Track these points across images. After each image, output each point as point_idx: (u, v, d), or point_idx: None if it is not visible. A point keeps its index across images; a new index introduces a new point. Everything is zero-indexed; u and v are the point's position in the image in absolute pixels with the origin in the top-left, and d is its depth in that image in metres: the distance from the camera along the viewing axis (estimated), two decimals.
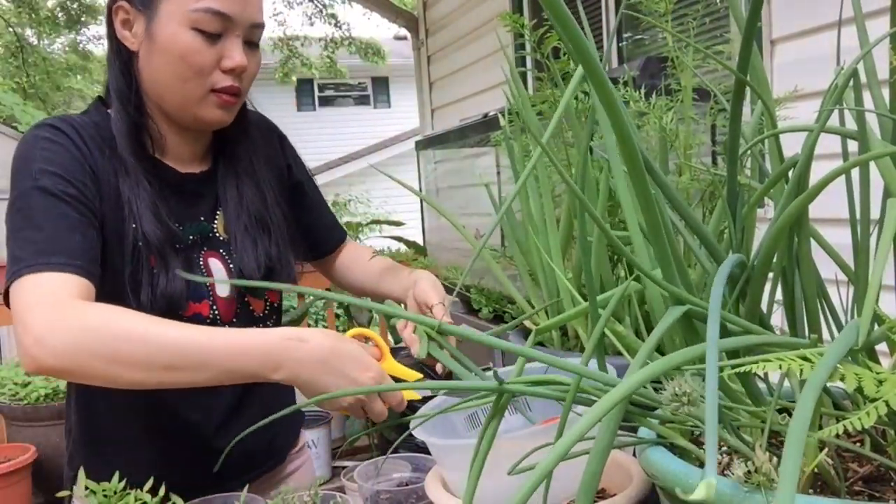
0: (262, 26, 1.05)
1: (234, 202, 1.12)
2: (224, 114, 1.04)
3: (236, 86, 1.02)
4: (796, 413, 0.34)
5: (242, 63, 1.01)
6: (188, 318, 1.05)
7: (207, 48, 0.99)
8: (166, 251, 1.01)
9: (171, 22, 0.98)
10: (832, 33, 2.03)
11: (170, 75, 1.01)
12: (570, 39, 0.40)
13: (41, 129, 0.99)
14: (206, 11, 0.97)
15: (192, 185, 1.11)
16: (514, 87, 1.10)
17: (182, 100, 1.02)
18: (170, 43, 0.98)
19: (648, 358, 0.47)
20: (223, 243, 1.11)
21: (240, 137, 1.14)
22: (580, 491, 0.42)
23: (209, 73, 1.00)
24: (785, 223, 0.51)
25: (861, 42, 0.60)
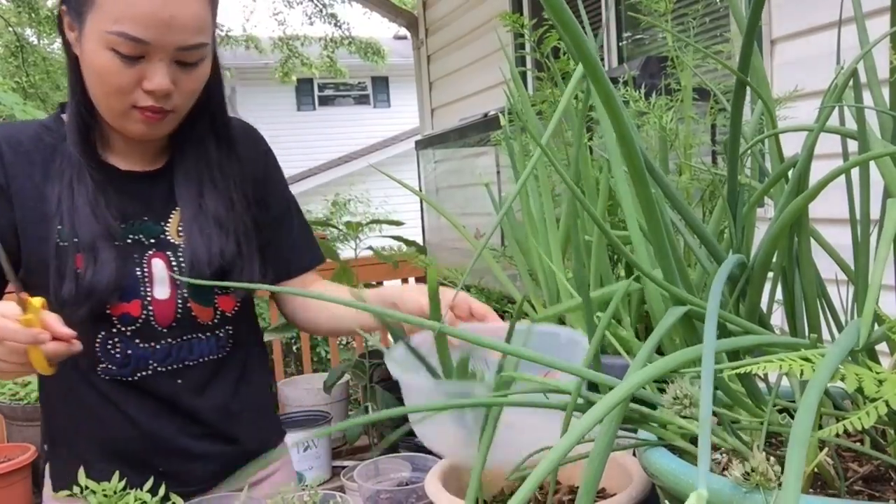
0: (199, 46, 0.99)
1: (192, 206, 1.09)
2: (148, 129, 1.02)
3: (158, 106, 0.99)
4: (799, 414, 0.34)
5: (162, 87, 0.97)
6: (117, 319, 1.05)
7: (125, 69, 0.96)
8: (97, 246, 1.00)
9: (91, 39, 0.96)
10: (832, 33, 2.03)
11: (94, 88, 1.01)
12: (569, 39, 0.40)
13: None
14: (120, 35, 0.93)
15: (136, 185, 1.09)
16: (514, 86, 1.10)
17: (107, 111, 1.02)
18: (90, 60, 0.97)
19: (648, 359, 0.47)
20: (172, 245, 1.09)
21: (206, 138, 1.11)
22: (581, 491, 0.42)
23: (130, 92, 0.98)
24: (785, 223, 0.51)
25: (861, 41, 0.60)
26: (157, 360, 1.08)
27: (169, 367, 1.09)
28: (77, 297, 0.99)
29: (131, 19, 0.92)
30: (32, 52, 11.23)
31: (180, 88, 1.00)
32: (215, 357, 1.13)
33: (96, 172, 1.04)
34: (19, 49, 10.90)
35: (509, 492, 0.74)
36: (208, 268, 1.06)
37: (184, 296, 1.08)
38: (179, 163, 1.10)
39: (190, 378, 1.11)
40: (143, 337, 1.07)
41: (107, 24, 0.93)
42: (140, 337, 1.07)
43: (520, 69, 1.35)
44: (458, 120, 3.14)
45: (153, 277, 1.07)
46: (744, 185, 0.68)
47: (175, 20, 0.94)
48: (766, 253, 0.53)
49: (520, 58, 3.47)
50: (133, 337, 1.06)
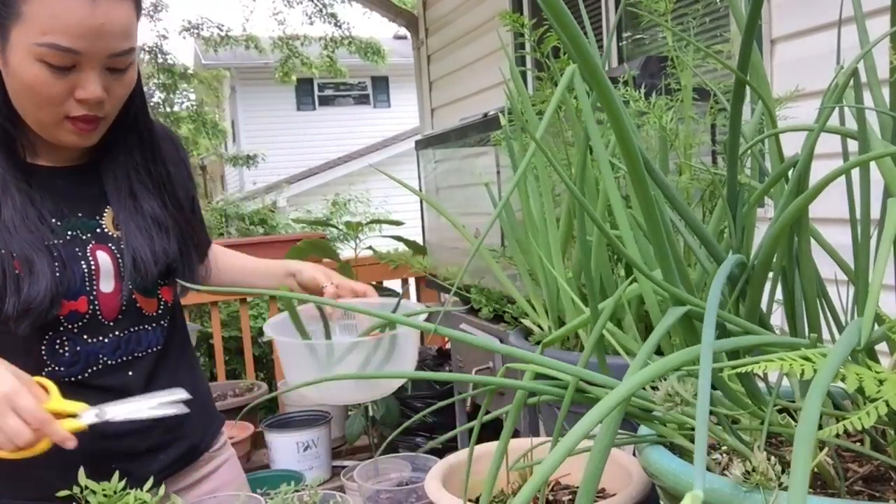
0: (128, 52, 0.99)
1: (125, 204, 1.10)
2: (80, 139, 1.02)
3: (91, 115, 0.99)
4: (803, 415, 0.33)
5: (95, 95, 0.97)
6: (65, 317, 1.04)
7: (56, 80, 0.94)
8: (32, 257, 0.99)
9: (18, 52, 0.94)
10: (832, 33, 2.02)
11: (23, 101, 0.99)
12: (569, 39, 0.40)
13: None
14: (50, 47, 0.92)
15: (66, 181, 1.09)
16: (514, 86, 1.10)
17: (36, 123, 1.01)
18: (18, 73, 0.95)
19: (648, 359, 0.47)
20: (112, 238, 1.09)
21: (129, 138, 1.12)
22: (581, 491, 0.42)
23: (61, 102, 0.97)
24: (785, 223, 0.51)
25: (861, 41, 0.60)
26: (107, 353, 1.09)
27: (119, 360, 1.10)
28: (19, 310, 0.98)
29: (61, 30, 0.91)
30: None
31: (111, 95, 1.00)
32: (160, 347, 1.15)
33: (23, 180, 1.03)
34: None
35: (510, 492, 0.74)
36: (155, 266, 1.09)
37: (129, 288, 1.09)
38: (106, 162, 1.11)
39: (139, 369, 1.12)
40: (91, 332, 1.07)
41: (35, 36, 0.92)
42: (88, 332, 1.07)
43: (520, 69, 1.35)
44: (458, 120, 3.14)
45: (100, 271, 1.07)
46: (744, 185, 0.68)
47: (105, 27, 0.93)
48: (766, 253, 0.53)
49: (520, 57, 3.47)
50: (80, 333, 1.06)
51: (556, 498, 0.71)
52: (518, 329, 1.13)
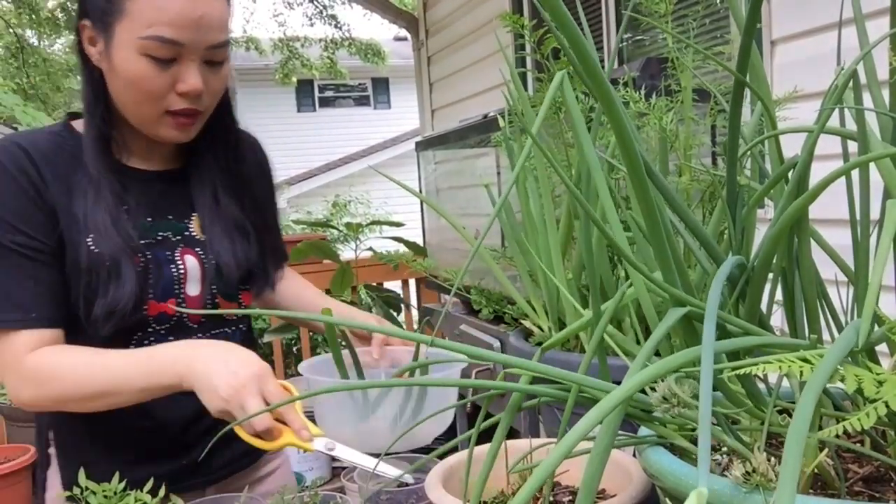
0: (224, 44, 1.03)
1: (210, 209, 1.13)
2: (180, 134, 1.05)
3: (192, 108, 1.02)
4: (796, 414, 0.34)
5: (196, 87, 1.00)
6: (153, 318, 1.07)
7: (159, 73, 0.98)
8: (120, 261, 1.01)
9: (123, 47, 0.97)
10: (832, 33, 2.02)
11: (125, 97, 1.02)
12: (568, 41, 0.40)
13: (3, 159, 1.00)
14: (155, 39, 0.96)
15: (159, 184, 1.12)
16: (513, 87, 1.10)
17: (138, 119, 1.04)
18: (123, 68, 0.98)
19: (647, 360, 0.47)
20: (199, 242, 1.12)
21: (216, 142, 1.14)
22: (581, 491, 0.42)
23: (163, 96, 1.00)
24: (785, 224, 0.51)
25: (861, 42, 0.60)
26: None
27: None
28: (107, 310, 1.01)
29: (164, 22, 0.95)
30: (33, 54, 11.24)
31: (209, 89, 1.03)
32: None
33: (117, 182, 1.05)
34: (20, 50, 10.91)
35: (510, 492, 0.74)
36: (237, 271, 1.11)
37: (212, 292, 1.13)
38: (194, 168, 1.14)
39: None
40: (177, 334, 1.10)
41: (139, 30, 0.95)
42: (174, 334, 1.10)
43: (520, 70, 1.35)
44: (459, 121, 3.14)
45: (187, 274, 1.10)
46: (743, 187, 0.68)
47: (204, 19, 0.97)
48: (766, 254, 0.53)
49: (520, 59, 3.47)
50: (168, 335, 1.09)
51: (556, 498, 0.71)
52: (518, 330, 1.13)
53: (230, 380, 0.89)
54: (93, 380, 0.97)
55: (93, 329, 1.01)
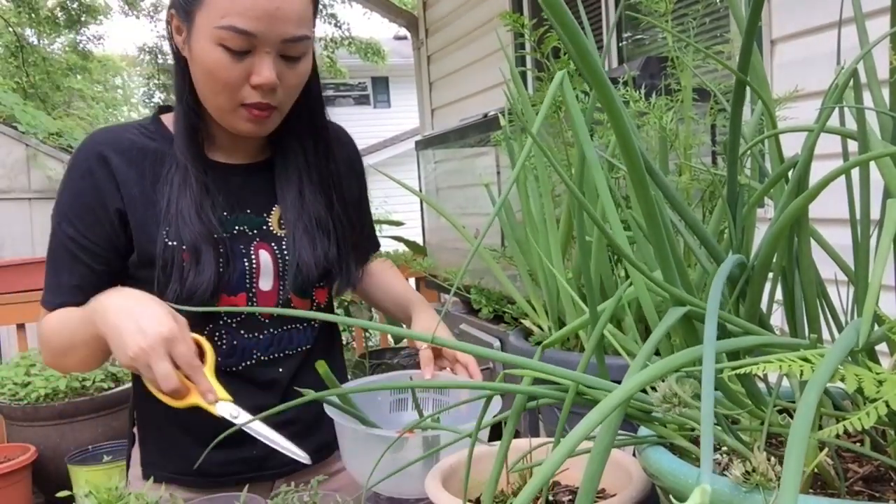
0: (303, 38, 1.02)
1: (294, 204, 1.13)
2: (255, 127, 1.05)
3: (265, 102, 1.02)
4: (798, 414, 0.34)
5: (270, 80, 0.99)
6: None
7: (234, 64, 0.98)
8: (200, 248, 1.04)
9: (201, 37, 0.99)
10: (832, 33, 2.03)
11: (203, 86, 1.03)
12: (569, 40, 0.40)
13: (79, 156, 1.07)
14: (229, 29, 0.96)
15: (240, 178, 1.12)
16: (514, 86, 1.10)
17: (215, 110, 1.05)
18: (200, 57, 1.00)
19: (648, 359, 0.47)
20: (276, 237, 1.13)
21: (304, 137, 1.14)
22: (581, 491, 0.42)
23: (238, 88, 1.00)
24: (785, 223, 0.51)
25: (861, 42, 0.60)
26: (261, 349, 1.13)
27: (271, 357, 1.14)
28: (180, 297, 1.03)
29: (239, 13, 0.95)
30: (32, 53, 11.24)
31: (284, 84, 1.02)
32: (309, 346, 1.18)
33: (202, 172, 1.07)
34: (19, 49, 10.91)
35: (510, 492, 0.74)
36: (315, 269, 1.12)
37: (286, 287, 1.13)
38: (280, 161, 1.14)
39: (288, 366, 1.15)
40: (248, 328, 1.11)
41: (215, 19, 0.96)
42: (245, 328, 1.11)
43: (520, 69, 1.35)
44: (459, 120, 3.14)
45: (260, 269, 1.11)
46: (743, 186, 0.68)
47: (280, 11, 0.97)
48: (766, 253, 0.53)
49: (520, 58, 3.47)
50: (238, 328, 1.11)
51: (556, 498, 0.71)
52: (518, 329, 1.13)
53: (138, 339, 0.89)
54: (61, 337, 1.04)
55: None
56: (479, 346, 0.57)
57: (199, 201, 1.05)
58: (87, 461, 2.70)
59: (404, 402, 1.13)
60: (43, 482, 2.74)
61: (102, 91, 14.06)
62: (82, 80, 12.47)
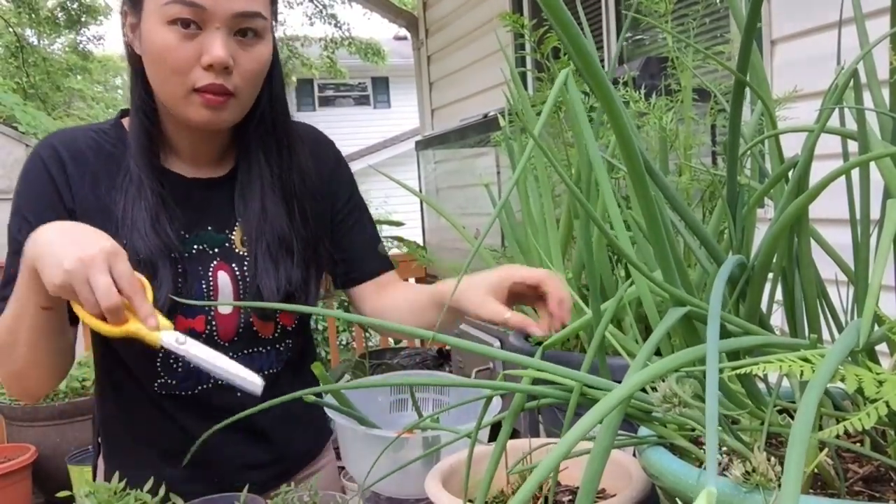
0: (256, 15, 0.96)
1: (256, 218, 1.06)
2: (212, 114, 0.97)
3: (219, 83, 0.95)
4: (798, 415, 0.34)
5: (220, 57, 0.93)
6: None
7: (183, 44, 0.93)
8: (156, 264, 0.98)
9: (150, 20, 0.94)
10: (832, 33, 2.02)
11: (154, 75, 0.97)
12: (569, 40, 0.40)
13: (33, 157, 1.01)
14: (176, 2, 0.91)
15: (201, 192, 1.06)
16: (514, 87, 1.10)
17: (168, 99, 0.98)
18: (149, 41, 0.95)
19: (648, 360, 0.47)
20: (238, 257, 1.06)
21: (268, 144, 1.07)
22: (581, 491, 0.42)
23: (188, 70, 0.94)
24: (785, 223, 0.51)
25: (861, 42, 0.60)
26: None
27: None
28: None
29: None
30: (32, 53, 11.24)
31: (240, 68, 0.96)
32: (275, 370, 1.11)
33: (158, 184, 1.01)
34: (19, 49, 10.92)
35: (510, 492, 0.74)
36: (277, 294, 1.04)
37: (247, 311, 1.07)
38: (243, 174, 1.07)
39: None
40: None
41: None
42: None
43: (520, 69, 1.35)
44: (459, 120, 3.14)
45: (218, 292, 1.04)
46: (743, 186, 0.68)
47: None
48: (766, 254, 0.53)
49: (520, 58, 3.47)
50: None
51: (556, 498, 0.71)
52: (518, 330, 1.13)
53: (77, 251, 0.81)
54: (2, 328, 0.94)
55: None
56: (480, 346, 0.57)
57: (155, 213, 0.99)
58: (87, 461, 2.70)
59: (404, 403, 1.12)
60: (43, 482, 2.74)
61: (102, 91, 14.07)
62: (82, 80, 12.48)
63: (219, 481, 1.03)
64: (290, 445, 1.16)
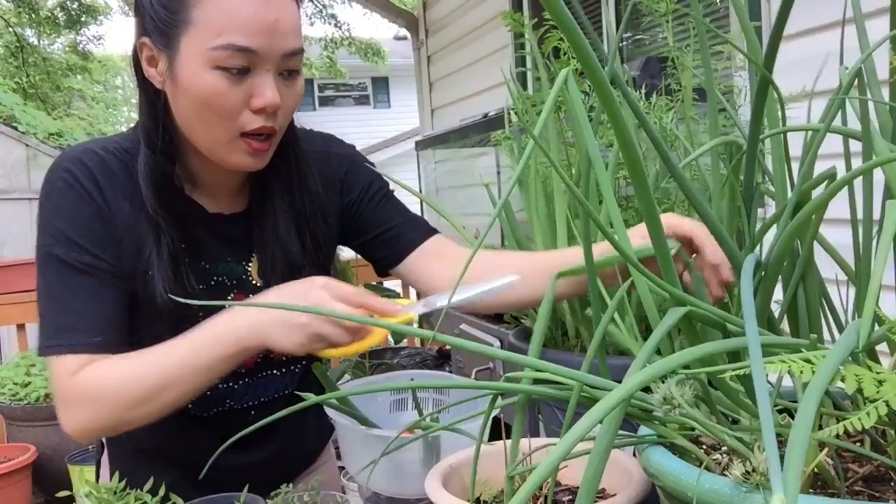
0: (299, 52, 0.92)
1: (271, 247, 1.03)
2: (255, 160, 0.94)
3: (269, 126, 0.91)
4: (798, 416, 0.34)
5: (274, 102, 0.89)
6: None
7: (233, 88, 0.88)
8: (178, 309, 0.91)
9: (191, 62, 0.88)
10: (832, 33, 2.03)
11: (194, 119, 0.92)
12: (569, 40, 0.40)
13: (59, 172, 0.94)
14: (227, 48, 0.86)
15: (222, 226, 1.03)
16: (514, 86, 1.10)
17: (209, 145, 0.94)
18: (191, 86, 0.89)
19: (648, 359, 0.47)
20: (254, 288, 1.04)
21: (282, 173, 1.03)
22: (581, 491, 0.42)
23: (237, 115, 0.90)
24: (802, 222, 0.51)
25: (861, 42, 0.60)
26: (235, 398, 1.06)
27: (244, 405, 1.07)
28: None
29: (237, 29, 0.86)
30: (32, 53, 11.25)
31: (283, 106, 0.93)
32: (288, 392, 1.10)
33: (178, 220, 0.97)
34: (19, 49, 10.92)
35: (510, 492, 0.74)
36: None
37: None
38: (258, 205, 1.04)
39: (263, 413, 1.01)
40: (224, 378, 0.99)
41: (208, 39, 0.87)
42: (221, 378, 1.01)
43: (520, 69, 1.35)
44: (459, 120, 3.14)
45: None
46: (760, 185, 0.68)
47: (280, 23, 0.89)
48: (779, 253, 0.53)
49: (520, 58, 3.47)
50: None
51: (556, 498, 0.71)
52: (518, 329, 1.13)
53: (302, 300, 0.81)
54: (147, 378, 0.88)
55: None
56: (480, 345, 0.57)
57: (178, 261, 0.95)
58: (87, 461, 2.70)
59: (404, 402, 1.12)
60: (43, 482, 2.73)
61: (102, 91, 14.07)
62: (82, 80, 12.48)
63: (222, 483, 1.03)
64: (295, 447, 1.17)
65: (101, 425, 0.91)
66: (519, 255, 1.10)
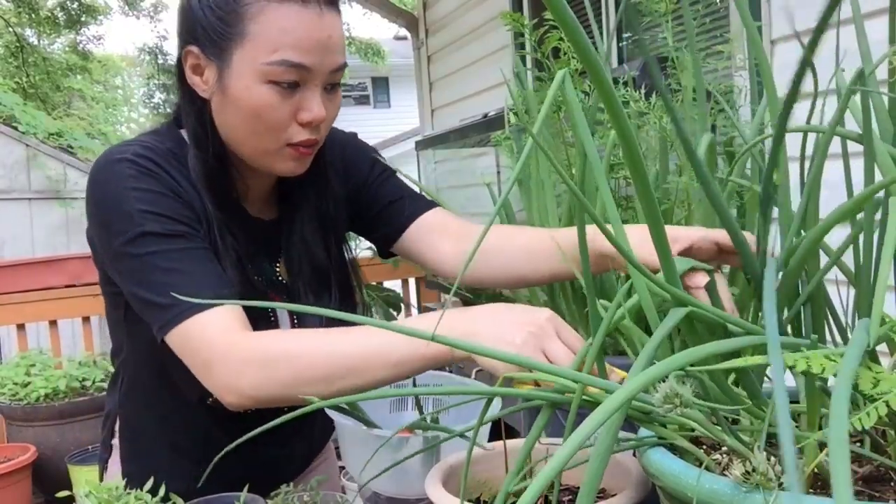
0: (344, 66, 0.95)
1: (297, 250, 1.06)
2: (298, 165, 0.97)
3: (313, 138, 0.94)
4: (832, 419, 0.33)
5: (320, 116, 0.92)
6: None
7: (283, 102, 0.91)
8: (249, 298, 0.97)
9: (243, 75, 0.90)
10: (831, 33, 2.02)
11: (242, 129, 0.94)
12: (571, 40, 0.40)
13: (120, 164, 0.93)
14: (281, 64, 0.88)
15: (259, 229, 1.06)
16: (515, 86, 1.10)
17: (255, 152, 0.96)
18: (242, 98, 0.91)
19: (650, 361, 0.47)
20: (285, 287, 1.07)
21: (311, 180, 1.06)
22: (581, 491, 0.42)
23: (286, 127, 0.93)
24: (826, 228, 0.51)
25: (860, 43, 0.60)
26: None
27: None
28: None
29: (292, 45, 0.88)
30: (32, 53, 11.25)
31: (326, 117, 0.95)
32: None
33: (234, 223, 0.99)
34: (19, 49, 10.92)
35: (512, 493, 0.74)
36: (320, 322, 1.03)
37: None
38: (286, 209, 1.08)
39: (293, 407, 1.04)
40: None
41: (263, 54, 0.88)
42: None
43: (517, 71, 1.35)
44: (459, 120, 3.14)
45: (278, 317, 1.05)
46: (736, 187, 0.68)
47: (331, 40, 0.91)
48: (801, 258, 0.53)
49: (520, 57, 3.47)
50: None
51: (556, 498, 0.71)
52: None
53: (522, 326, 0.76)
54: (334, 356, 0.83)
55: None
56: (480, 345, 0.57)
57: (244, 260, 0.98)
58: (87, 461, 2.70)
59: (404, 402, 1.13)
60: (43, 482, 2.73)
61: (102, 91, 14.07)
62: (82, 80, 12.48)
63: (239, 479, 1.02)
64: (309, 442, 1.19)
65: (272, 393, 0.85)
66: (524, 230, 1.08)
